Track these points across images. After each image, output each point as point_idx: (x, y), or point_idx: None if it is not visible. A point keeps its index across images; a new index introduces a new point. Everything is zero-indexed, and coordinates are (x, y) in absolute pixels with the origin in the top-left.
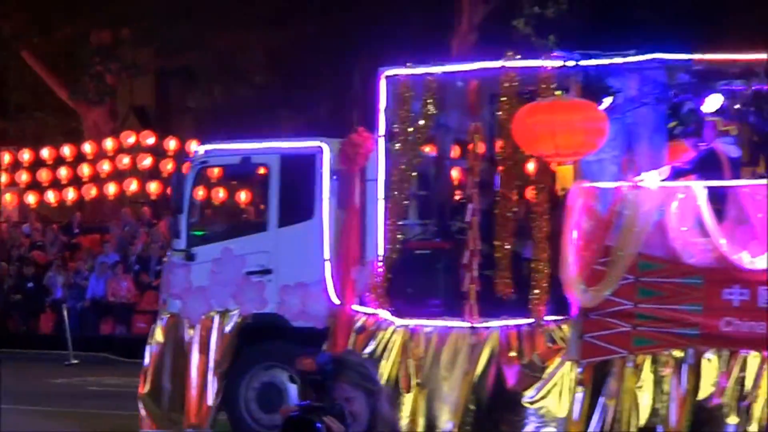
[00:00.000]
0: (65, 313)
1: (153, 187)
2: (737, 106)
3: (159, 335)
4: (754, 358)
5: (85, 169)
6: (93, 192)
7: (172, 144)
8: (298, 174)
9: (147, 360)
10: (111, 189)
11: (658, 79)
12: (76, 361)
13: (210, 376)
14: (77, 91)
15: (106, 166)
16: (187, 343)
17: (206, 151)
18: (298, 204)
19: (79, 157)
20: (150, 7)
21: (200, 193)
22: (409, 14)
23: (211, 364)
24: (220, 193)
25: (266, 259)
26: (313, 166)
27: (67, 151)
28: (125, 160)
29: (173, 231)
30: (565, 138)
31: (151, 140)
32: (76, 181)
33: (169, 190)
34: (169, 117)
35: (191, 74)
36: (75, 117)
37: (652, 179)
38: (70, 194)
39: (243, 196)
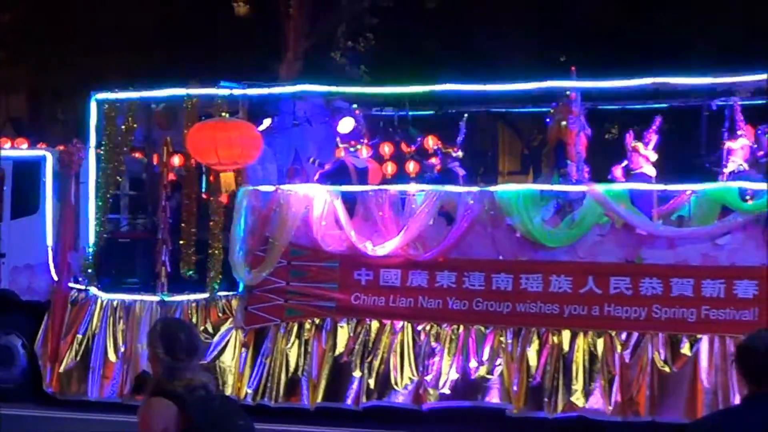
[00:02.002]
0: None
1: None
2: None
3: None
4: (375, 325)
5: None
6: None
7: None
8: (27, 177)
9: None
10: None
11: (319, 105)
12: None
13: None
14: None
15: None
16: None
17: None
18: (26, 201)
19: None
20: (24, 32)
21: None
22: (248, 44)
23: None
24: None
25: (0, 245)
26: (38, 170)
27: None
28: None
29: None
30: (225, 151)
31: (24, 146)
32: None
33: None
34: (40, 127)
35: (60, 91)
36: None
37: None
38: None
39: None
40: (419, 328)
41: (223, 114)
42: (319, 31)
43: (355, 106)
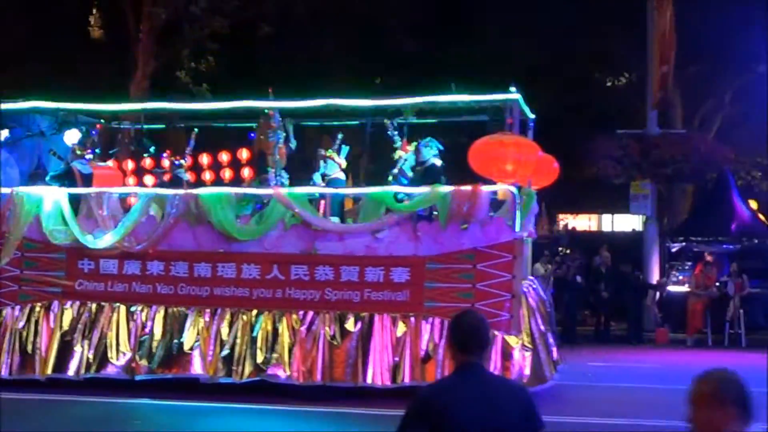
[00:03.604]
0: None
1: None
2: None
3: None
4: (95, 307)
5: None
6: None
7: None
8: None
9: None
10: None
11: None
12: None
13: None
14: None
15: None
16: None
17: None
18: None
19: None
20: None
21: None
22: (102, 63)
23: None
24: None
25: None
26: None
27: None
28: None
29: None
30: None
31: None
32: None
33: None
34: None
35: None
36: None
37: None
38: None
39: None
40: (133, 309)
41: None
42: (165, 53)
43: (102, 120)
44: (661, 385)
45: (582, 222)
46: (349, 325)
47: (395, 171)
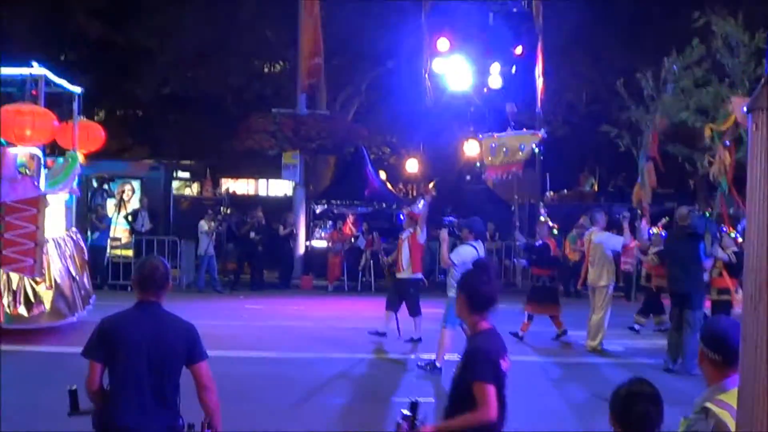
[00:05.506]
0: None
1: None
2: None
3: None
4: None
5: None
6: None
7: None
8: None
9: None
10: None
11: None
12: None
13: None
14: None
15: None
16: None
17: None
18: None
19: None
20: None
21: None
22: None
23: None
24: None
25: None
26: None
27: None
28: None
29: None
30: None
31: None
32: None
33: None
34: None
35: None
36: None
37: None
38: None
39: None
40: None
41: None
42: None
43: None
44: (301, 323)
45: (241, 186)
46: None
47: None
